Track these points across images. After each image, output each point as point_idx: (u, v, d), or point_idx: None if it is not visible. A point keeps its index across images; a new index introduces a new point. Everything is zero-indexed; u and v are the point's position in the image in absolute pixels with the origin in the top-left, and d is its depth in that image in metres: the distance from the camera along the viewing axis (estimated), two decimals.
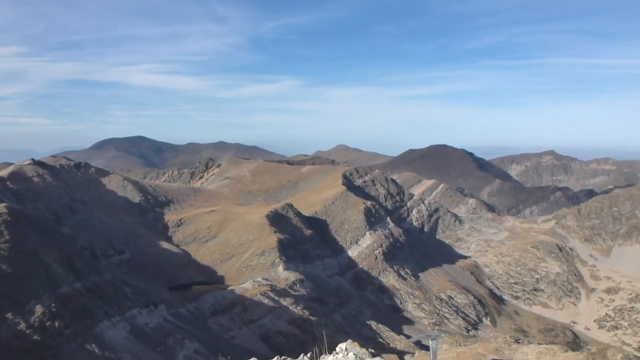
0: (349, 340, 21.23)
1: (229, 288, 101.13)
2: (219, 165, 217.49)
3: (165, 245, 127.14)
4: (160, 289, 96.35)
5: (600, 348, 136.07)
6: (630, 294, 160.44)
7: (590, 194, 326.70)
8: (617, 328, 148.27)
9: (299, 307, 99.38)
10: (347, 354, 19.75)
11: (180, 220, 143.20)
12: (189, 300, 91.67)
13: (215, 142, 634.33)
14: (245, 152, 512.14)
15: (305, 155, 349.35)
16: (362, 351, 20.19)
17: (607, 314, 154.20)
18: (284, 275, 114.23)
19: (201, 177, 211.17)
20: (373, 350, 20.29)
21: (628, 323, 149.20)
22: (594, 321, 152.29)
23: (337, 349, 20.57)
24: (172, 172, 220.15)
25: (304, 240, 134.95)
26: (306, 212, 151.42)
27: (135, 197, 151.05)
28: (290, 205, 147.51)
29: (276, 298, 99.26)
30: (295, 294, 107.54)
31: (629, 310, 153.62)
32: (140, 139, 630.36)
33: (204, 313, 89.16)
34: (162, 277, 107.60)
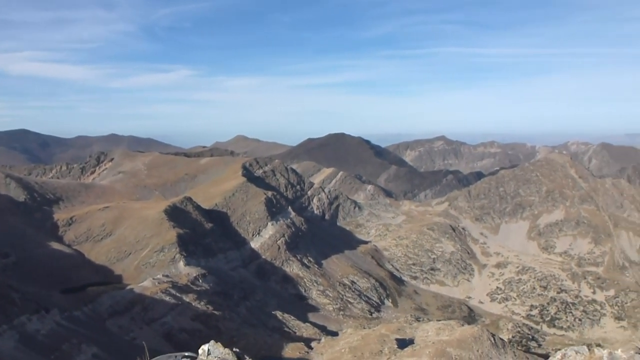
0: (212, 342, 20.23)
1: (128, 287, 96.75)
2: (112, 159, 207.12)
3: (55, 245, 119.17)
4: (52, 293, 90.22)
5: (493, 319, 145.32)
6: (518, 267, 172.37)
7: (479, 176, 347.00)
8: (507, 299, 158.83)
9: (202, 303, 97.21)
10: (208, 355, 18.90)
11: (71, 218, 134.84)
12: (85, 302, 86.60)
13: (106, 134, 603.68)
14: (139, 144, 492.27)
15: (204, 147, 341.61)
16: (226, 351, 19.31)
17: (497, 287, 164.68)
18: (185, 271, 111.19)
19: (93, 172, 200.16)
20: (238, 350, 19.53)
21: (516, 294, 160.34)
22: (487, 295, 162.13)
23: (200, 350, 19.61)
24: (61, 167, 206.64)
25: (204, 234, 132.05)
26: (206, 205, 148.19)
27: (20, 195, 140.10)
28: (189, 199, 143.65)
29: (178, 295, 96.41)
30: (198, 289, 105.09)
31: (517, 282, 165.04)
32: (23, 133, 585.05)
33: (101, 315, 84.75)
34: (53, 280, 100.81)
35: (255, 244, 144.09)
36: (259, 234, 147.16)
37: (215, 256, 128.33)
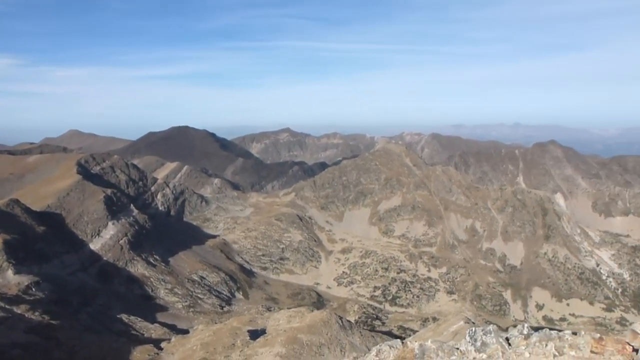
0: None
1: None
2: None
3: None
4: None
5: (340, 303, 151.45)
6: (361, 252, 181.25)
7: (323, 166, 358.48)
8: (352, 283, 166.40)
9: (36, 313, 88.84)
10: None
11: None
12: None
13: None
14: None
15: (32, 144, 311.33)
16: None
17: (343, 272, 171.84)
18: (15, 280, 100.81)
19: None
20: None
21: (361, 277, 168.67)
22: (334, 280, 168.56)
23: None
24: None
25: (36, 238, 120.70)
26: (37, 207, 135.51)
27: None
28: (16, 201, 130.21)
29: (7, 307, 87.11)
30: (31, 298, 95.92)
31: (361, 266, 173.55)
32: None
33: None
34: None
35: (95, 246, 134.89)
36: (98, 234, 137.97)
37: (49, 261, 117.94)
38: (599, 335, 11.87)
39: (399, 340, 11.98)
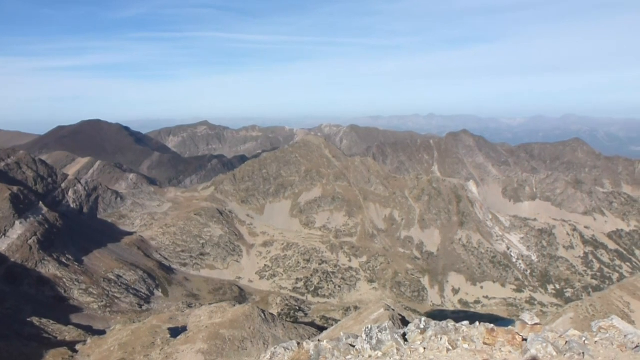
0: None
1: None
2: None
3: None
4: None
5: (262, 296, 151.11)
6: (283, 244, 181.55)
7: (243, 159, 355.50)
8: (275, 276, 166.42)
9: None
10: None
11: None
12: None
13: None
14: None
15: None
16: None
17: (265, 265, 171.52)
18: None
19: None
20: None
21: (283, 269, 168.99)
22: (256, 273, 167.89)
23: None
24: None
25: None
26: None
27: None
28: None
29: None
30: None
31: (283, 258, 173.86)
32: None
33: None
34: None
35: (1, 247, 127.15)
36: (5, 234, 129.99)
37: None
38: (491, 326, 12.44)
39: (294, 341, 11.97)
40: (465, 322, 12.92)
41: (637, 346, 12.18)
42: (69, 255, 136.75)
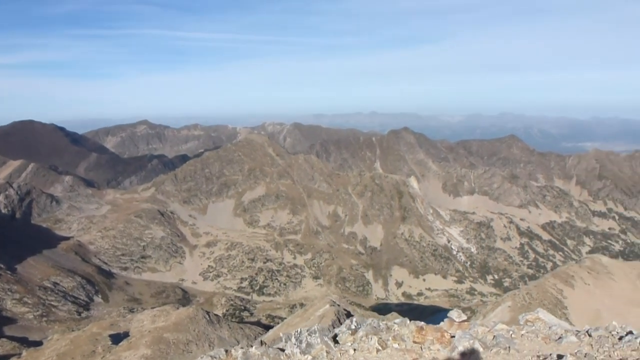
0: None
1: None
2: None
3: None
4: None
5: (207, 297, 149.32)
6: (227, 244, 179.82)
7: (184, 158, 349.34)
8: (219, 276, 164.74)
9: None
10: None
11: None
12: None
13: None
14: None
15: None
16: None
17: (209, 266, 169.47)
18: None
19: None
20: None
21: (227, 269, 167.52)
22: (199, 274, 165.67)
23: None
24: None
25: None
26: None
27: None
28: None
29: None
30: None
31: (227, 258, 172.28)
32: None
33: None
34: None
35: None
36: None
37: None
38: (421, 324, 12.66)
39: (222, 349, 11.81)
40: (398, 320, 13.07)
41: (560, 337, 12.67)
42: (1, 263, 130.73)
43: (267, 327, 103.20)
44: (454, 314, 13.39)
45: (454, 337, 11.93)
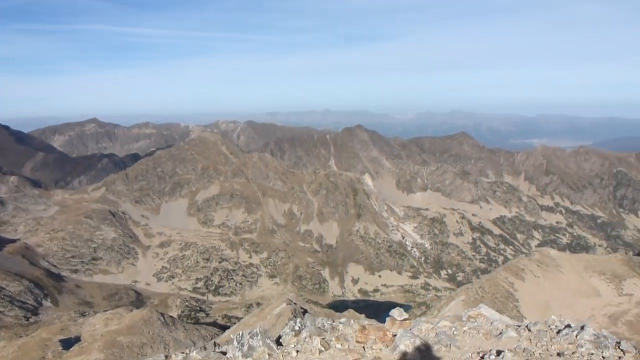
0: None
1: None
2: None
3: None
4: None
5: (161, 299, 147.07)
6: (181, 244, 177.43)
7: (136, 158, 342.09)
8: (173, 277, 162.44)
9: None
10: None
11: None
12: None
13: None
14: None
15: None
16: None
17: (163, 267, 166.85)
18: None
19: None
20: None
21: (182, 270, 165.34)
22: (153, 276, 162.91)
23: None
24: None
25: None
26: None
27: None
28: None
29: None
30: None
31: (182, 259, 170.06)
32: None
33: None
34: None
35: None
36: None
37: None
38: (365, 323, 12.92)
39: (162, 355, 11.80)
40: (344, 320, 13.30)
41: (500, 333, 13.14)
42: None
43: (224, 328, 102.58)
44: (396, 313, 13.69)
45: (396, 336, 12.20)
